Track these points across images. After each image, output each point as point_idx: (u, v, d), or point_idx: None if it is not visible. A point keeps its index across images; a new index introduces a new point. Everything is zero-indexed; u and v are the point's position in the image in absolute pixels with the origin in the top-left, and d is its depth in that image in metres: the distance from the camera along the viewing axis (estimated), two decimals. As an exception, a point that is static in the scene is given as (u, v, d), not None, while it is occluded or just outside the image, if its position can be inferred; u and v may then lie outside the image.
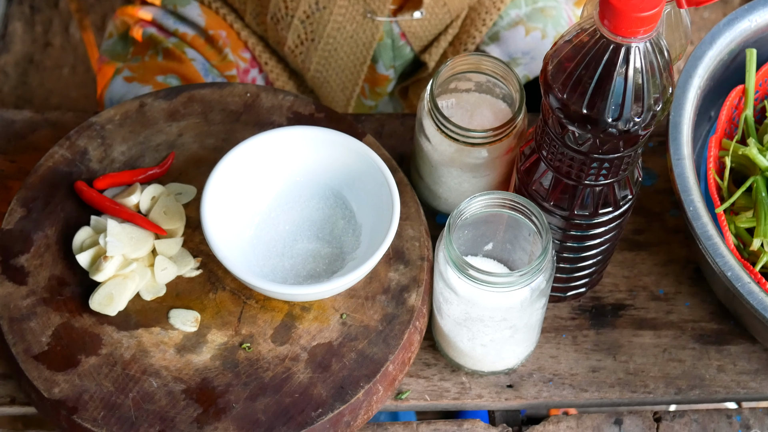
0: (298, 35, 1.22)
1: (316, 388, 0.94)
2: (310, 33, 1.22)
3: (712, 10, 2.31)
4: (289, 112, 1.08)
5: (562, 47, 0.81)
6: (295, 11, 1.20)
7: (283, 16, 1.22)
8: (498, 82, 1.01)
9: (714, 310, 1.05)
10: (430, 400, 1.00)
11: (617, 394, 1.01)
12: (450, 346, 0.99)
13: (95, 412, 0.92)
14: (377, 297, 0.98)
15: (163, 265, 0.99)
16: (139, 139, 1.06)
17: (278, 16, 1.22)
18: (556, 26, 1.31)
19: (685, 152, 0.99)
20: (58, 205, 1.02)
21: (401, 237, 1.01)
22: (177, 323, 0.97)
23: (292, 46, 1.23)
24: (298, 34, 1.22)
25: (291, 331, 0.97)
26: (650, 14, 0.76)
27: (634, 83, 0.79)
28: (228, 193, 0.98)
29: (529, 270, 0.86)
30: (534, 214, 0.88)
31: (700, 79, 1.03)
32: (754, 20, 1.06)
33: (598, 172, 0.87)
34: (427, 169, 1.04)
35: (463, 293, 0.90)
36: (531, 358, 1.02)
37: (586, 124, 0.81)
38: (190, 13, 1.26)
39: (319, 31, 1.21)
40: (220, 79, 1.25)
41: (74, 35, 2.23)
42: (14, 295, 0.97)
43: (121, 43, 1.32)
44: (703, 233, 0.94)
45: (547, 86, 0.82)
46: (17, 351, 0.95)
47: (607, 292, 1.06)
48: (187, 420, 0.92)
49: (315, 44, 1.22)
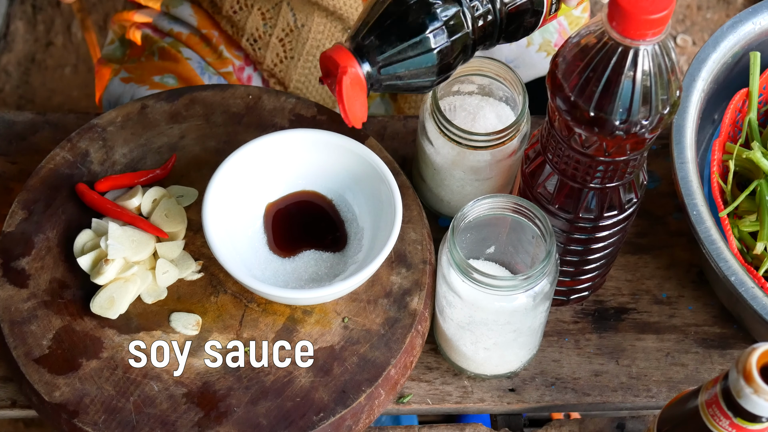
0: (276, 54, 1.22)
1: (318, 392, 0.93)
2: (289, 51, 1.22)
3: (714, 10, 2.30)
4: (291, 115, 1.08)
5: (570, 49, 0.81)
6: (273, 29, 1.20)
7: (260, 36, 1.21)
8: (501, 85, 1.00)
9: (717, 314, 1.05)
10: (432, 404, 0.99)
11: (620, 398, 1.00)
12: (452, 350, 0.98)
13: (96, 415, 0.92)
14: (379, 300, 0.98)
15: (164, 268, 0.98)
16: (141, 142, 1.06)
17: (255, 35, 1.22)
18: (543, 33, 1.31)
19: (689, 155, 0.99)
20: (59, 208, 1.02)
21: (403, 240, 1.01)
22: (178, 326, 0.96)
23: (271, 65, 1.23)
24: (276, 52, 1.22)
25: (293, 334, 0.96)
26: (659, 17, 0.75)
27: (642, 86, 0.79)
28: (230, 196, 0.97)
29: (533, 273, 0.86)
30: (538, 217, 0.88)
31: (703, 82, 1.03)
32: (758, 23, 1.05)
33: (603, 175, 0.86)
34: (429, 172, 1.04)
35: (467, 297, 0.89)
36: (533, 362, 1.02)
37: (593, 127, 0.81)
38: (182, 14, 1.26)
39: (298, 49, 1.21)
40: (216, 77, 1.24)
41: (76, 35, 2.23)
42: (15, 298, 0.97)
43: (121, 48, 1.32)
44: (707, 237, 0.94)
45: (554, 88, 0.82)
46: (18, 354, 0.94)
47: (609, 295, 1.06)
48: (189, 424, 0.92)
49: (294, 62, 1.22)
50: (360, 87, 0.85)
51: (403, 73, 0.86)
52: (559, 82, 0.81)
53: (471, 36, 0.87)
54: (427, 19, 0.84)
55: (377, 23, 0.85)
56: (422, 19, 0.84)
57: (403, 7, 0.85)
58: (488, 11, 0.87)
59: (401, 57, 0.85)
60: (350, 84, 0.84)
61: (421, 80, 0.87)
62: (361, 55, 0.85)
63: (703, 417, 0.80)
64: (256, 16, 1.21)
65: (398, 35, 0.85)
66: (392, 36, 0.85)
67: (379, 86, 0.87)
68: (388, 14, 0.85)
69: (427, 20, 0.84)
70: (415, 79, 0.87)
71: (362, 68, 0.85)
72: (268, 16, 1.21)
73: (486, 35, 0.88)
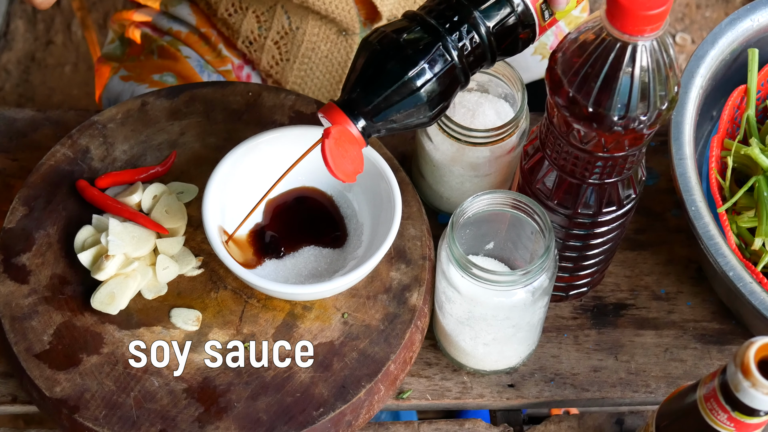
0: (272, 56, 1.22)
1: (318, 388, 0.94)
2: (284, 53, 1.22)
3: (713, 9, 2.31)
4: (291, 111, 1.08)
5: (569, 45, 0.81)
6: (269, 32, 1.20)
7: (256, 38, 1.22)
8: (500, 82, 1.01)
9: (715, 309, 1.05)
10: (432, 399, 1.00)
11: (619, 393, 1.01)
12: (452, 346, 0.98)
13: (97, 411, 0.92)
14: (379, 296, 0.98)
15: (164, 264, 0.99)
16: (141, 138, 1.06)
17: (251, 38, 1.22)
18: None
19: (687, 152, 0.99)
20: (60, 204, 1.02)
21: (403, 236, 1.01)
22: (178, 322, 0.97)
23: (267, 67, 1.23)
24: (272, 55, 1.22)
25: (292, 330, 0.97)
26: (657, 12, 0.76)
27: (640, 82, 0.79)
28: (229, 192, 0.98)
29: (532, 269, 0.86)
30: (537, 213, 0.88)
31: (702, 78, 1.03)
32: (756, 20, 1.06)
33: (602, 171, 0.87)
34: (428, 169, 1.04)
35: (467, 292, 0.90)
36: (532, 358, 1.02)
37: (591, 123, 0.81)
38: (181, 13, 1.27)
39: (293, 51, 1.21)
40: (215, 75, 1.25)
41: (76, 33, 2.23)
42: (16, 293, 0.97)
43: (120, 46, 1.33)
44: (705, 233, 0.94)
45: (553, 84, 0.82)
46: (19, 350, 0.95)
47: (608, 291, 1.06)
48: (189, 419, 0.92)
49: (290, 64, 1.22)
50: (350, 141, 0.88)
51: (395, 116, 0.88)
52: (558, 77, 0.82)
53: (459, 65, 0.87)
54: (403, 63, 0.86)
55: (360, 76, 0.87)
56: (399, 63, 0.86)
57: (381, 55, 0.87)
58: (472, 38, 0.88)
59: (388, 103, 0.87)
60: (334, 144, 0.86)
61: (417, 119, 0.89)
62: (351, 108, 0.87)
63: (702, 411, 0.80)
64: (251, 18, 1.21)
65: (380, 84, 0.86)
66: (374, 86, 0.87)
67: (377, 132, 0.89)
68: (368, 65, 0.87)
69: (404, 64, 0.86)
70: (410, 119, 0.89)
71: (356, 122, 0.87)
72: (262, 19, 1.21)
73: (478, 59, 0.89)
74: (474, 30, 0.88)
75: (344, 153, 0.87)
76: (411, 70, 0.86)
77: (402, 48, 0.86)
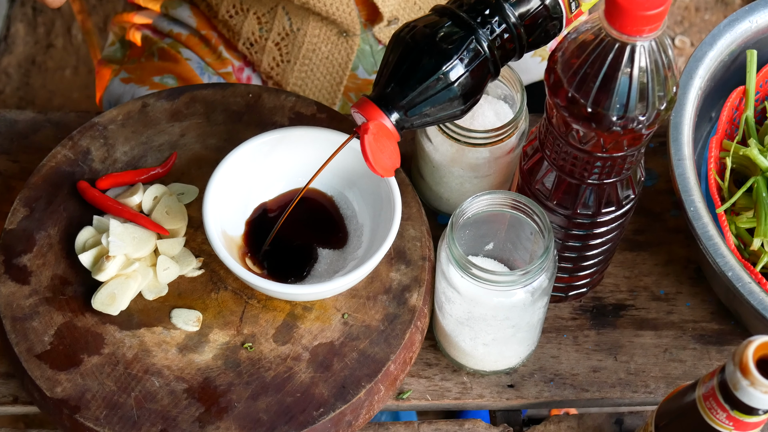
0: (273, 57, 1.23)
1: (318, 388, 0.94)
2: (285, 55, 1.22)
3: (712, 12, 2.31)
4: (291, 113, 1.08)
5: (568, 45, 0.82)
6: (269, 33, 1.21)
7: (257, 40, 1.22)
8: (499, 83, 1.01)
9: (715, 310, 1.05)
10: (432, 399, 1.00)
11: (618, 394, 1.01)
12: (452, 346, 0.99)
13: (97, 411, 0.92)
14: (379, 297, 0.98)
15: (165, 264, 0.99)
16: (142, 140, 1.06)
17: (252, 39, 1.22)
18: None
19: (686, 153, 0.99)
20: (61, 205, 1.02)
21: (403, 237, 1.01)
22: (179, 323, 0.97)
23: (268, 68, 1.23)
24: (273, 56, 1.22)
25: (293, 330, 0.97)
26: (656, 13, 0.76)
27: (639, 82, 0.79)
28: (230, 193, 0.98)
29: (531, 269, 0.86)
30: (536, 214, 0.89)
31: (700, 79, 1.03)
32: (754, 21, 1.06)
33: (601, 171, 0.87)
34: (428, 170, 1.04)
35: (466, 292, 0.90)
36: (532, 358, 1.02)
37: (590, 123, 0.81)
38: (182, 15, 1.27)
39: (294, 53, 1.21)
40: (215, 77, 1.25)
41: (76, 36, 2.24)
42: (17, 294, 0.97)
43: (121, 49, 1.33)
44: (704, 233, 0.95)
45: (552, 84, 0.83)
46: (20, 350, 0.95)
47: (608, 292, 1.06)
48: (189, 419, 0.92)
49: (291, 65, 1.22)
50: (386, 136, 0.88)
51: (429, 110, 0.89)
52: (557, 77, 0.82)
53: (490, 58, 0.88)
54: (438, 57, 0.87)
55: (394, 71, 0.88)
56: (435, 58, 0.87)
57: (415, 50, 0.87)
58: (504, 30, 0.88)
59: (423, 97, 0.88)
60: (373, 139, 0.87)
61: (450, 111, 0.90)
62: (386, 103, 0.88)
63: (701, 410, 0.80)
64: (252, 20, 1.22)
65: (415, 78, 0.87)
66: (409, 80, 0.87)
67: (410, 126, 0.90)
68: (402, 60, 0.87)
69: (438, 58, 0.87)
70: (444, 112, 0.89)
71: (390, 115, 0.88)
72: (263, 21, 1.22)
73: (508, 51, 0.90)
74: (505, 22, 0.88)
75: (382, 148, 0.88)
76: (445, 64, 0.87)
77: (436, 43, 0.87)
